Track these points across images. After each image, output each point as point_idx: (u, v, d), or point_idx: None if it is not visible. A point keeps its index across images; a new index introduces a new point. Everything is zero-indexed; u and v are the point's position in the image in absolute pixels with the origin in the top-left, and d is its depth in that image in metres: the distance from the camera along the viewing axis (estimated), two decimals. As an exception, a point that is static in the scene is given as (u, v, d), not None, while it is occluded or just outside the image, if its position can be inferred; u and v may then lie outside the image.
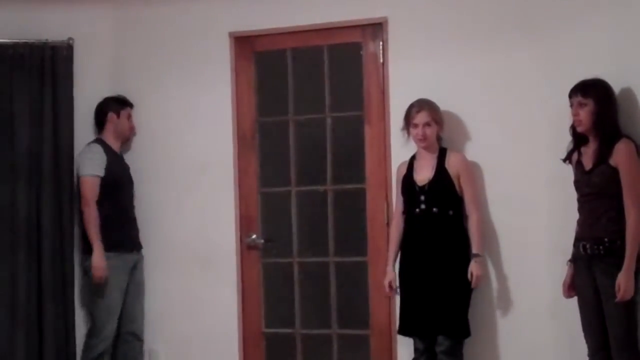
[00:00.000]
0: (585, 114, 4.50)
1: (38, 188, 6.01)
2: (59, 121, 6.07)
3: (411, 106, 5.26)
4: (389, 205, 5.63)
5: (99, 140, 5.94)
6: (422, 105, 5.24)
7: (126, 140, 6.10)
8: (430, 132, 5.23)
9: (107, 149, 5.89)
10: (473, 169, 5.32)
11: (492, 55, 5.42)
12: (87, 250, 5.81)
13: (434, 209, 5.17)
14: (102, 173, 5.82)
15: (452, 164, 5.22)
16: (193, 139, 6.07)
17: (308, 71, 5.96)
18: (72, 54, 6.12)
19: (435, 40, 5.57)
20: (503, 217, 5.39)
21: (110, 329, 5.82)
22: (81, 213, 5.81)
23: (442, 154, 5.27)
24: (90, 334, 5.85)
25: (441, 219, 5.18)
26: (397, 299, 5.36)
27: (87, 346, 5.84)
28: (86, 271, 5.83)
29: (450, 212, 5.18)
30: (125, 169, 6.01)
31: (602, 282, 4.45)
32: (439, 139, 5.31)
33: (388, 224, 5.59)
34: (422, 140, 5.24)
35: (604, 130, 4.47)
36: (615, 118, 4.50)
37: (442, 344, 5.10)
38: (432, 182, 5.20)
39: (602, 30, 4.78)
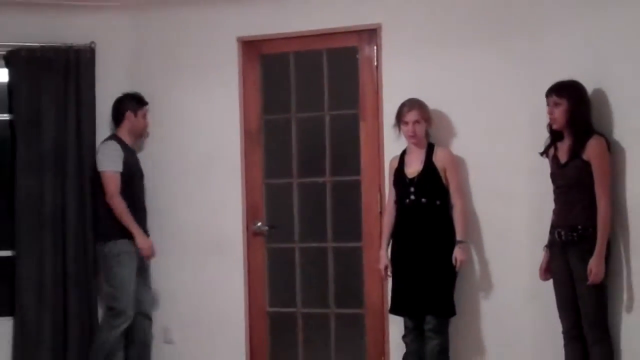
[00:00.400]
0: (559, 113, 4.53)
1: (63, 180, 6.02)
2: (82, 118, 6.08)
3: (402, 105, 5.24)
4: (382, 195, 5.62)
5: (115, 137, 5.85)
6: (412, 104, 5.21)
7: (139, 137, 6.05)
8: (420, 129, 5.20)
9: (123, 145, 5.81)
10: (458, 163, 5.31)
11: (476, 59, 5.42)
12: (103, 237, 5.75)
13: (423, 200, 5.16)
14: (121, 168, 5.75)
15: (439, 158, 5.20)
16: (204, 134, 6.06)
17: (308, 73, 5.94)
18: (94, 57, 6.13)
19: (425, 45, 5.55)
20: (486, 207, 5.39)
21: (130, 308, 5.75)
22: (104, 205, 5.70)
23: (430, 148, 5.25)
24: (114, 315, 5.74)
25: (429, 209, 5.15)
26: (389, 281, 5.34)
27: (111, 325, 5.74)
28: (101, 256, 5.78)
29: (438, 202, 5.16)
30: (137, 163, 5.95)
31: (575, 266, 4.46)
32: (427, 135, 5.29)
33: (381, 213, 5.59)
34: (412, 136, 5.21)
35: (577, 128, 4.49)
36: (587, 116, 4.51)
37: (430, 322, 5.09)
38: (421, 175, 5.18)
39: (577, 35, 4.78)
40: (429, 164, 5.18)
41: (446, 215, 5.15)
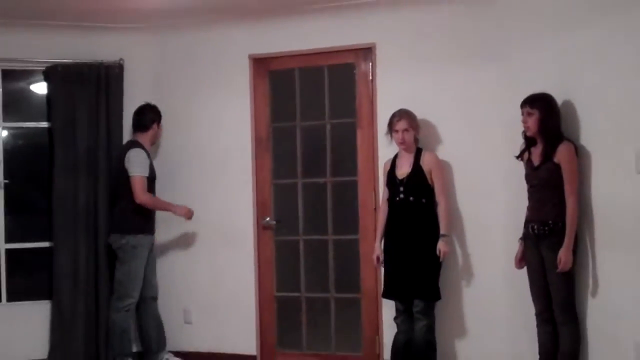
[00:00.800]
0: (532, 121, 4.51)
1: (94, 180, 6.02)
2: (111, 126, 6.07)
3: (393, 115, 5.23)
4: (376, 194, 5.61)
5: (140, 145, 5.79)
6: (401, 114, 5.20)
7: (154, 144, 6.02)
8: (408, 136, 5.19)
9: (146, 152, 5.78)
10: (443, 165, 5.29)
11: (459, 74, 5.40)
12: (124, 230, 5.71)
13: (411, 198, 5.14)
14: (147, 173, 5.75)
15: (425, 162, 5.18)
16: (219, 140, 6.04)
17: (311, 86, 5.91)
18: (122, 72, 6.12)
19: (414, 62, 5.53)
20: (467, 204, 5.38)
21: (136, 293, 5.75)
22: (130, 203, 5.65)
23: (418, 153, 5.22)
24: (121, 298, 5.71)
25: (416, 206, 5.13)
26: (382, 269, 5.33)
27: (118, 307, 5.71)
28: (117, 246, 5.75)
29: (424, 200, 5.14)
30: (153, 166, 5.90)
31: (546, 256, 4.45)
32: (415, 141, 5.26)
33: (375, 209, 5.57)
34: (402, 143, 5.20)
35: (548, 134, 4.46)
36: (558, 124, 4.49)
37: (418, 305, 5.09)
38: (409, 176, 5.16)
39: (548, 54, 4.76)
40: (416, 167, 5.15)
41: (432, 211, 5.12)
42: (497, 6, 5.19)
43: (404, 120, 5.17)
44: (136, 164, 5.69)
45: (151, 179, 5.78)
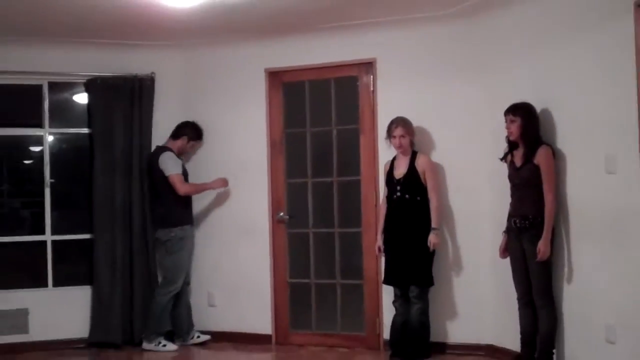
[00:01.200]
0: (515, 127, 4.51)
1: (129, 180, 6.02)
2: (143, 132, 6.07)
3: (391, 123, 5.21)
4: (376, 192, 5.59)
5: (168, 149, 5.85)
6: (398, 122, 5.18)
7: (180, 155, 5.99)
8: (405, 141, 5.17)
9: (175, 155, 5.86)
10: (435, 167, 5.25)
11: (451, 86, 5.38)
12: (170, 224, 5.76)
13: (406, 196, 5.12)
14: (181, 171, 5.80)
15: (420, 163, 5.15)
16: (238, 144, 6.02)
17: (319, 96, 5.89)
18: (153, 84, 6.12)
19: (411, 75, 5.51)
20: (457, 201, 5.36)
21: (181, 281, 5.81)
22: (172, 199, 5.72)
23: (413, 155, 5.20)
24: (167, 284, 5.78)
25: (411, 203, 5.12)
26: (382, 258, 5.32)
27: (164, 292, 5.77)
28: (166, 239, 5.78)
29: (418, 198, 5.12)
30: (185, 167, 5.96)
31: (527, 247, 4.45)
32: (412, 145, 5.24)
33: (376, 205, 5.55)
34: (399, 147, 5.19)
35: (528, 139, 4.47)
36: (537, 130, 4.49)
37: (413, 290, 5.09)
38: (406, 177, 5.14)
39: (529, 68, 4.78)
40: (412, 168, 5.13)
41: (425, 208, 5.09)
42: (482, 27, 5.16)
43: (401, 127, 5.15)
44: (170, 165, 5.74)
45: (185, 176, 5.84)
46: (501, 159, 4.71)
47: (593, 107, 4.16)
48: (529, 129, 4.45)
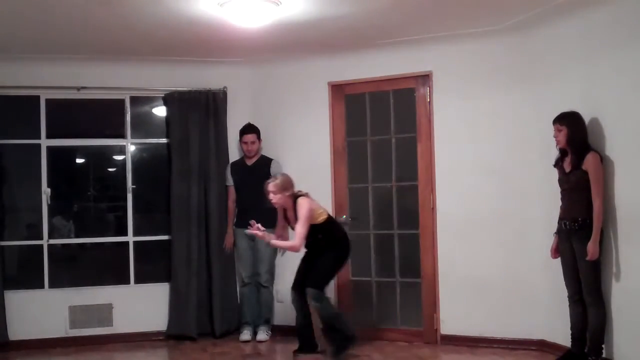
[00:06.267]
0: (561, 136, 4.52)
1: (205, 185, 6.13)
2: (218, 141, 6.18)
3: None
4: (433, 196, 5.62)
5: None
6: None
7: (247, 157, 6.10)
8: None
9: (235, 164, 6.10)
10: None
11: (502, 96, 5.39)
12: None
13: None
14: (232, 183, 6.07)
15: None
16: (304, 152, 6.09)
17: (379, 107, 5.91)
18: (226, 98, 6.23)
19: (465, 86, 5.54)
20: (511, 206, 5.38)
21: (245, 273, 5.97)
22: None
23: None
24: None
25: None
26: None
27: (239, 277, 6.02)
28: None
29: None
30: (246, 174, 6.04)
31: (577, 247, 4.46)
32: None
33: (432, 208, 5.59)
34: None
35: (575, 146, 4.47)
36: (584, 137, 4.48)
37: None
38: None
39: (577, 79, 4.77)
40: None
41: None
42: (533, 40, 5.15)
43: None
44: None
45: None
46: (554, 166, 4.71)
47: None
48: (575, 137, 4.45)
